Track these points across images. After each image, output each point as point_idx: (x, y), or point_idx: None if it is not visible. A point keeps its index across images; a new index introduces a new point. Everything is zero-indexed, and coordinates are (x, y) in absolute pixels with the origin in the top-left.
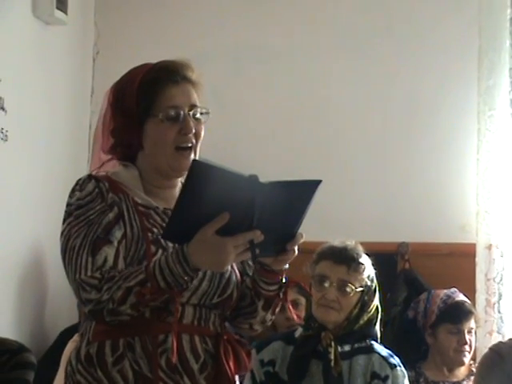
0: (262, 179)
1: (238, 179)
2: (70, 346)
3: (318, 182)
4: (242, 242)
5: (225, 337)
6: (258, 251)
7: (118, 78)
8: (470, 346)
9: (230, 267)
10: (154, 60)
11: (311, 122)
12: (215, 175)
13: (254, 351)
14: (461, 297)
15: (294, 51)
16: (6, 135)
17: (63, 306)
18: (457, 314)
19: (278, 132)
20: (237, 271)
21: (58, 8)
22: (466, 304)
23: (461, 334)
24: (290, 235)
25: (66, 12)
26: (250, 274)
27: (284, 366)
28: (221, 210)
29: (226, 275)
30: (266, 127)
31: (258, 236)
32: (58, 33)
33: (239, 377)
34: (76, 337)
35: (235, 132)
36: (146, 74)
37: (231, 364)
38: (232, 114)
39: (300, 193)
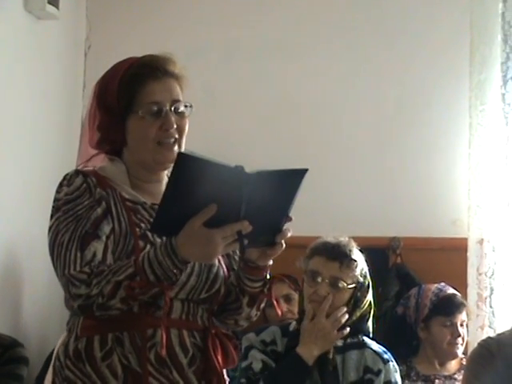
0: (249, 170)
1: (223, 170)
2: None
3: (305, 171)
4: (229, 233)
5: (213, 331)
6: (246, 242)
7: None
8: (463, 339)
9: (217, 262)
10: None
11: (303, 117)
12: (201, 167)
13: (252, 334)
14: (451, 290)
15: (285, 46)
16: None
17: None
18: (449, 307)
19: (270, 127)
20: (224, 266)
21: (49, 3)
22: (458, 296)
23: (454, 326)
24: (278, 226)
25: (57, 7)
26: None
27: (282, 351)
28: (208, 201)
29: (214, 270)
30: (258, 122)
31: (246, 227)
32: (50, 27)
33: (227, 371)
34: None
35: (226, 127)
36: (127, 69)
37: (219, 358)
38: (223, 109)
39: (287, 182)
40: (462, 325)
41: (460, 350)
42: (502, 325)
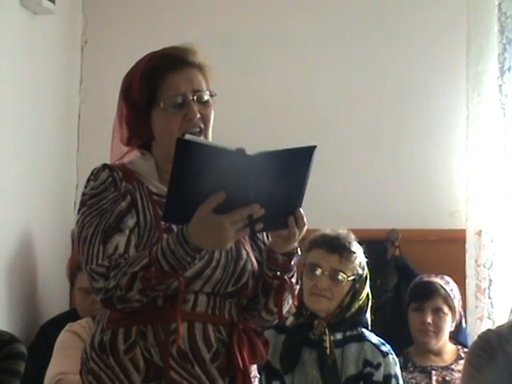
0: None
1: (224, 154)
2: (63, 335)
3: (312, 148)
4: (239, 217)
5: (240, 326)
6: (262, 226)
7: (106, 67)
8: (437, 327)
9: (246, 255)
10: (141, 50)
11: (301, 109)
12: (201, 152)
13: None
14: (434, 279)
15: (284, 38)
16: None
17: (53, 295)
18: (420, 292)
19: (268, 119)
20: (253, 259)
21: None
22: (434, 284)
23: (423, 312)
24: (294, 208)
25: (53, 1)
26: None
27: (276, 354)
28: (214, 186)
29: (241, 263)
30: (256, 114)
31: (256, 210)
32: (46, 22)
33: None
34: (69, 326)
35: (224, 119)
36: (147, 63)
37: (245, 354)
38: (222, 102)
39: (294, 161)
40: (435, 312)
41: (433, 340)
42: (501, 316)
